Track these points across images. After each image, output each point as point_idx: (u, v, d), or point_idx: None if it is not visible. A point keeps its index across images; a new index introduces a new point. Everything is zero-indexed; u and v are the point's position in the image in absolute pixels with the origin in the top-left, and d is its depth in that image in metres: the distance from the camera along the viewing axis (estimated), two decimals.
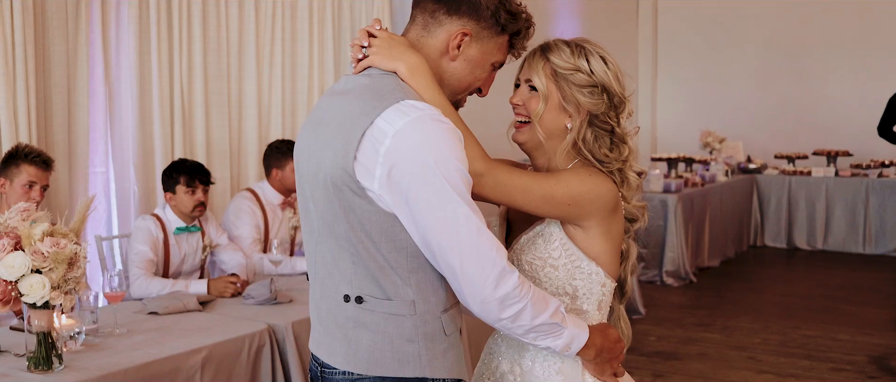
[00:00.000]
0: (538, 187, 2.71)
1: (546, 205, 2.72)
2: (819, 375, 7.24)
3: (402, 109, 2.44)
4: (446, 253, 2.43)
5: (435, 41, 2.66)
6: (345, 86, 2.66)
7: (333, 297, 2.62)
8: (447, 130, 2.45)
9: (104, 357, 4.15)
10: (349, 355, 2.59)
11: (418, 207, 2.42)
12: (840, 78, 14.22)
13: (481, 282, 2.43)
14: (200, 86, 7.26)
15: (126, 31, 6.77)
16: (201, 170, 6.02)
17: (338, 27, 8.40)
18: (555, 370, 2.82)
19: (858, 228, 13.03)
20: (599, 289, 2.86)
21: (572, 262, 2.81)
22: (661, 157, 12.72)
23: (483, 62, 2.70)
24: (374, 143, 2.42)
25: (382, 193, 2.44)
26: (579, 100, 2.78)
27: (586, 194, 2.74)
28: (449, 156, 2.42)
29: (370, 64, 2.65)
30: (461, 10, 2.64)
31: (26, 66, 5.93)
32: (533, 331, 2.55)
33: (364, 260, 2.53)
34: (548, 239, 2.83)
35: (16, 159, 5.38)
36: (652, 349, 7.97)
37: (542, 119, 2.80)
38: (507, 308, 2.47)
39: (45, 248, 3.63)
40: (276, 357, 4.80)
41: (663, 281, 10.77)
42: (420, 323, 2.56)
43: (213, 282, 5.56)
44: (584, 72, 2.76)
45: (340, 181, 2.47)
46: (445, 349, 2.61)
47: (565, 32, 12.06)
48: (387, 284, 2.54)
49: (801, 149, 14.15)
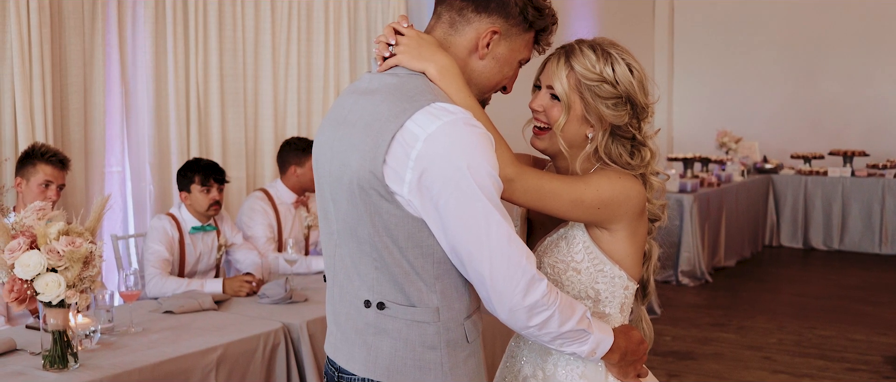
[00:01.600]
0: (568, 191, 2.67)
1: (575, 209, 2.69)
2: (834, 375, 7.22)
3: (433, 112, 2.39)
4: (475, 261, 2.40)
5: (463, 40, 2.61)
6: (369, 84, 2.60)
7: (353, 302, 2.57)
8: (480, 135, 2.41)
9: (119, 355, 4.17)
10: (369, 361, 2.55)
11: (449, 213, 2.37)
12: (856, 78, 14.17)
13: (510, 291, 2.40)
14: (216, 85, 7.27)
15: (142, 30, 6.78)
16: (216, 169, 6.03)
17: (353, 27, 8.40)
18: (578, 374, 2.79)
19: (874, 228, 12.98)
20: (622, 292, 2.83)
21: (595, 266, 2.78)
22: (677, 157, 12.70)
23: (511, 60, 2.66)
24: (405, 147, 2.37)
25: (412, 198, 2.40)
26: (602, 113, 2.72)
27: (616, 197, 2.70)
28: (482, 162, 2.38)
29: (397, 63, 2.59)
30: (490, 8, 2.59)
31: (43, 66, 5.95)
32: (560, 338, 2.53)
33: (388, 266, 2.48)
34: (571, 243, 2.79)
35: (32, 158, 5.40)
36: (667, 348, 7.96)
37: (562, 129, 2.75)
38: (536, 316, 2.45)
39: (61, 247, 3.64)
40: (291, 356, 4.80)
41: (679, 281, 10.76)
42: (443, 330, 2.53)
43: (229, 281, 5.57)
44: (610, 83, 2.70)
45: (368, 184, 2.42)
46: (467, 356, 2.59)
47: (582, 32, 12.07)
48: (411, 290, 2.49)
49: (817, 149, 14.10)
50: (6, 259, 3.66)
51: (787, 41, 14.58)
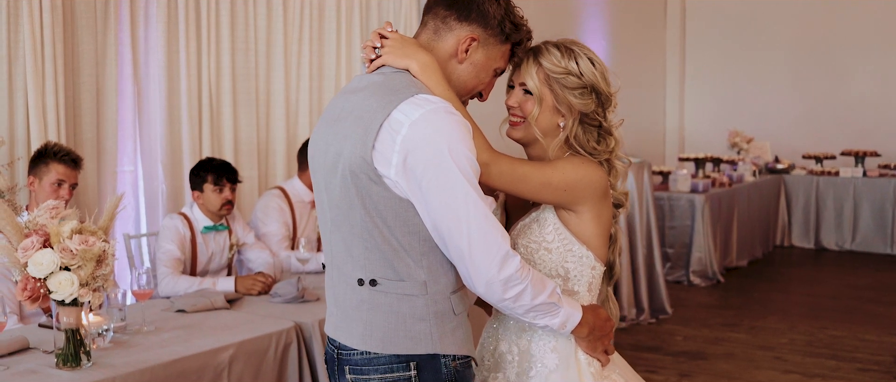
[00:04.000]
0: (537, 175, 2.95)
1: (544, 191, 2.96)
2: (845, 375, 7.21)
3: (416, 102, 2.65)
4: (455, 236, 2.63)
5: (445, 44, 2.88)
6: (358, 84, 2.87)
7: (348, 282, 2.81)
8: (458, 122, 2.66)
9: (132, 354, 4.18)
10: (365, 335, 2.78)
11: (431, 192, 2.61)
12: (868, 78, 14.14)
13: (487, 265, 2.64)
14: (228, 85, 7.28)
15: (155, 29, 6.79)
16: (229, 168, 6.04)
17: (365, 26, 8.40)
18: (549, 348, 3.04)
19: (886, 228, 12.96)
20: (589, 272, 3.09)
21: (564, 246, 3.05)
22: (688, 157, 12.68)
23: (487, 67, 2.93)
24: (391, 133, 2.62)
25: (398, 179, 2.64)
26: (571, 102, 3.02)
27: (580, 180, 2.98)
28: (460, 146, 2.63)
29: (384, 62, 2.86)
30: (471, 17, 2.86)
31: (55, 65, 5.96)
32: (533, 311, 2.78)
33: (378, 245, 2.72)
34: (542, 225, 3.07)
35: (45, 157, 5.42)
36: (678, 348, 7.96)
37: (537, 120, 3.03)
38: (510, 289, 2.68)
39: (74, 246, 3.65)
40: (303, 355, 4.81)
41: (690, 281, 10.76)
42: (431, 303, 2.76)
43: (241, 280, 5.58)
44: (574, 75, 2.99)
45: (359, 169, 2.66)
46: (454, 327, 2.82)
47: (593, 33, 12.13)
48: (400, 266, 2.73)
49: (829, 149, 14.08)
50: (19, 257, 3.68)
51: (799, 41, 14.56)
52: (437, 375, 2.78)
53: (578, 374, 3.02)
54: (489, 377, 3.14)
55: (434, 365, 2.77)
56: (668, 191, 11.19)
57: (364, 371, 2.79)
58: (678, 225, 10.92)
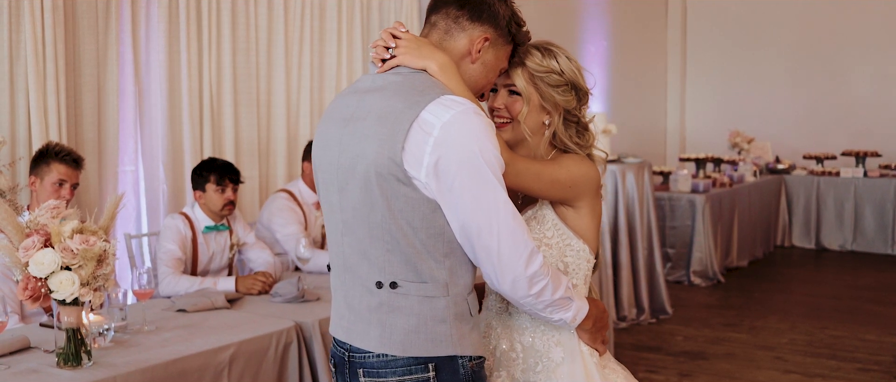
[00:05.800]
0: (548, 173, 3.04)
1: (553, 188, 3.05)
2: (845, 375, 7.22)
3: (445, 103, 2.65)
4: (484, 235, 2.65)
5: (457, 44, 2.89)
6: (372, 84, 2.84)
7: (365, 285, 2.79)
8: (487, 123, 2.69)
9: (133, 353, 4.18)
10: (384, 338, 2.76)
11: (463, 193, 2.62)
12: (869, 78, 14.15)
13: (515, 262, 2.67)
14: (229, 85, 7.29)
15: (156, 30, 6.80)
16: (232, 169, 6.05)
17: (366, 27, 8.41)
18: (553, 342, 3.09)
19: (887, 229, 12.96)
20: (585, 265, 3.16)
21: (563, 241, 3.12)
22: (689, 157, 12.69)
23: (495, 67, 2.97)
24: (423, 135, 2.62)
25: (429, 181, 2.64)
26: (556, 99, 3.10)
27: (582, 176, 3.09)
28: (490, 146, 2.65)
29: (399, 63, 2.83)
30: (483, 18, 2.88)
31: (57, 65, 5.97)
32: (552, 306, 2.83)
33: (401, 247, 2.71)
34: (541, 221, 3.13)
35: (46, 157, 5.42)
36: (679, 348, 7.97)
37: (525, 119, 3.09)
38: (535, 284, 2.72)
39: (75, 245, 3.66)
40: (303, 354, 4.81)
41: (691, 281, 10.78)
42: (451, 304, 2.76)
43: (242, 279, 5.58)
44: (556, 73, 3.08)
45: (386, 170, 2.65)
46: (471, 328, 2.83)
47: (594, 33, 12.13)
48: (423, 268, 2.72)
49: (830, 149, 14.09)
50: (20, 257, 3.68)
51: (800, 42, 14.57)
52: (455, 376, 2.79)
53: (584, 366, 3.07)
54: (492, 376, 3.15)
55: (452, 366, 2.78)
56: (668, 192, 11.20)
57: (381, 373, 2.78)
58: (679, 226, 10.94)
